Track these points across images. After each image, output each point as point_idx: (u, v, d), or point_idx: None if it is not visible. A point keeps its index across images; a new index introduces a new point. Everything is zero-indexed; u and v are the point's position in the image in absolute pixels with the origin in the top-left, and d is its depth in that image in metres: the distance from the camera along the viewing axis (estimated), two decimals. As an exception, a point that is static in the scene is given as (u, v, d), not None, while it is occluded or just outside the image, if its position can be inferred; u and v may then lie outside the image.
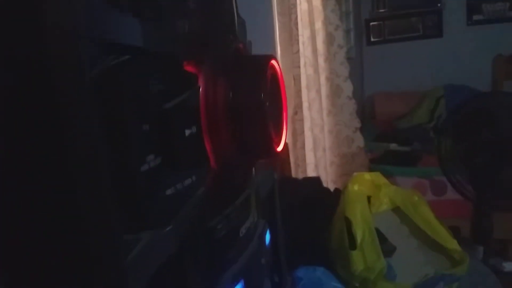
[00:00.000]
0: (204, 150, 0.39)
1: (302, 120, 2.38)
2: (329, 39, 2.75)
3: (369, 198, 1.43)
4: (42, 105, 0.30)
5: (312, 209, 1.58)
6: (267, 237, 0.56)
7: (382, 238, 1.34)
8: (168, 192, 0.36)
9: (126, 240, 0.34)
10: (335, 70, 2.81)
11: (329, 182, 2.71)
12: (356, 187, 1.43)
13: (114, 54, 0.33)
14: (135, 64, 0.34)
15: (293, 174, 2.32)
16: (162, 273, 0.36)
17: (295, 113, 2.29)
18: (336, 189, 1.73)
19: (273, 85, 0.46)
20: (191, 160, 0.38)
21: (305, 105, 2.40)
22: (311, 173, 2.44)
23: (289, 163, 1.97)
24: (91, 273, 0.32)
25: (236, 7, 0.55)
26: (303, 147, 2.39)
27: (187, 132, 0.37)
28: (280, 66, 0.48)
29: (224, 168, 0.43)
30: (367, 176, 1.45)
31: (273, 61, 0.45)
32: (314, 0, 2.57)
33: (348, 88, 2.86)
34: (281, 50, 2.26)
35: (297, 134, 2.33)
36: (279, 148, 0.46)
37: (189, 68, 0.39)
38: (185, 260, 0.39)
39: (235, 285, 0.44)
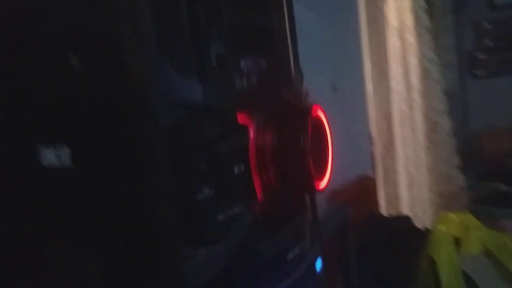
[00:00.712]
0: (251, 184, 0.48)
1: (394, 157, 2.37)
2: (425, 74, 2.72)
3: (457, 239, 1.40)
4: (131, 146, 0.42)
5: (399, 247, 1.57)
6: (318, 264, 0.62)
7: (470, 282, 1.30)
8: (220, 217, 0.46)
9: (186, 251, 0.44)
10: (432, 105, 2.75)
11: (427, 222, 2.61)
12: (443, 228, 1.41)
13: (181, 109, 0.44)
14: (196, 118, 0.44)
15: (385, 212, 2.30)
16: (213, 283, 0.45)
17: (385, 150, 2.29)
18: (427, 229, 1.70)
19: (316, 130, 0.54)
20: (239, 192, 0.47)
21: (397, 141, 2.39)
22: (405, 211, 2.39)
23: (376, 200, 1.97)
24: (159, 273, 0.42)
25: (295, 60, 0.64)
26: (395, 184, 2.36)
27: (236, 170, 0.47)
28: (326, 115, 0.56)
29: (272, 200, 0.51)
30: (455, 216, 1.42)
31: (316, 110, 0.53)
32: (408, 36, 2.58)
33: (446, 124, 2.77)
34: (372, 87, 2.30)
35: (389, 171, 2.31)
36: (322, 185, 0.54)
37: (241, 118, 0.49)
38: (234, 275, 0.48)
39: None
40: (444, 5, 3.47)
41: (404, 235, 1.65)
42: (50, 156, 0.45)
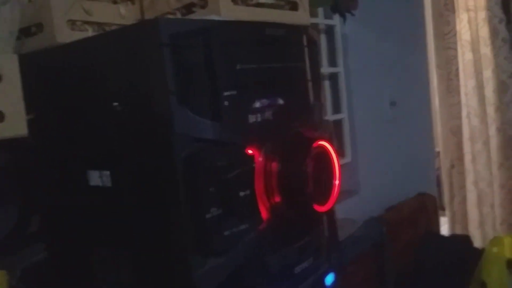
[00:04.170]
0: (256, 206, 0.57)
1: (462, 173, 2.30)
2: (502, 88, 2.61)
3: (510, 262, 1.37)
4: (156, 172, 0.53)
5: (454, 267, 1.55)
6: (329, 278, 0.69)
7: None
8: (226, 233, 0.55)
9: (197, 259, 0.53)
10: (509, 120, 2.63)
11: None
12: (494, 250, 1.38)
13: (196, 143, 0.54)
14: (208, 150, 0.54)
15: (450, 230, 2.24)
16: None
17: (452, 166, 2.23)
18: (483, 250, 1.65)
19: (321, 159, 0.61)
20: (244, 213, 0.56)
21: (467, 157, 2.32)
22: (473, 230, 2.31)
23: (436, 218, 1.93)
24: (174, 278, 0.52)
25: (315, 95, 0.71)
26: (463, 202, 2.29)
27: (242, 193, 0.56)
28: (333, 147, 0.63)
29: (276, 219, 0.59)
30: (509, 239, 1.38)
31: (321, 142, 0.61)
32: (482, 48, 2.49)
33: (525, 140, 2.63)
34: (439, 101, 2.26)
35: (455, 188, 2.26)
36: (324, 209, 0.61)
37: (250, 149, 0.58)
38: (241, 284, 0.57)
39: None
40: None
41: (460, 255, 1.63)
42: (96, 179, 0.57)
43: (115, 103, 0.56)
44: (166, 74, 0.51)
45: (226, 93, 0.55)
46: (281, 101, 0.63)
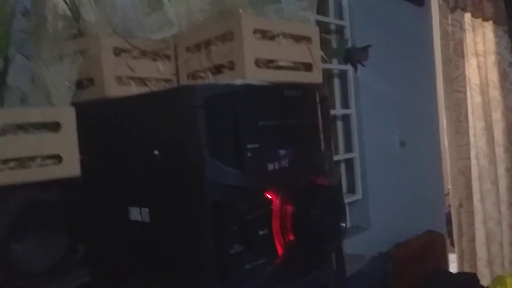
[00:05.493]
0: (272, 243, 0.66)
1: (471, 212, 2.36)
2: (511, 129, 2.68)
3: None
4: (187, 212, 0.62)
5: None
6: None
7: None
8: (247, 266, 0.64)
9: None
10: (518, 160, 2.69)
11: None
12: (498, 288, 1.43)
13: (223, 188, 0.64)
14: (233, 195, 0.64)
15: (459, 268, 2.28)
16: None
17: (461, 205, 2.29)
18: (489, 288, 1.70)
19: (331, 203, 0.70)
20: (262, 249, 0.65)
21: (476, 197, 2.38)
22: (482, 268, 2.35)
23: (445, 256, 1.98)
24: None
25: (326, 145, 0.81)
26: (472, 240, 2.34)
27: (261, 232, 0.65)
28: (341, 193, 0.72)
29: (291, 255, 0.68)
30: (511, 278, 1.44)
31: (330, 188, 0.70)
32: (492, 91, 2.58)
33: (534, 180, 2.68)
34: (448, 142, 2.34)
35: (464, 227, 2.31)
36: (332, 247, 0.70)
37: (269, 194, 0.67)
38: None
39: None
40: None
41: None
42: (136, 214, 0.67)
43: (156, 152, 0.66)
44: (200, 130, 0.62)
45: (249, 146, 0.65)
46: (296, 152, 0.73)
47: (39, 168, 0.66)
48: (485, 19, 2.50)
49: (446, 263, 2.01)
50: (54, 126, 0.69)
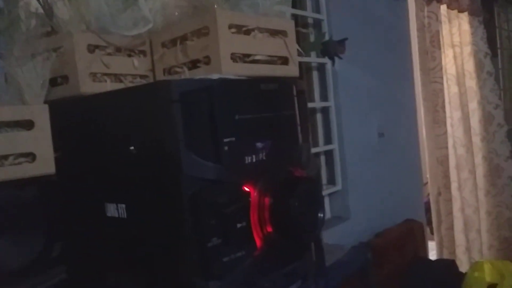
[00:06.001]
0: (251, 236, 0.67)
1: (450, 200, 2.40)
2: (487, 119, 2.73)
3: (493, 286, 1.45)
4: (165, 206, 0.63)
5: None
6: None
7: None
8: (225, 259, 0.65)
9: (200, 282, 0.63)
10: (495, 149, 2.75)
11: (485, 266, 2.58)
12: (475, 274, 1.47)
13: (200, 182, 0.64)
14: (210, 188, 0.64)
15: (438, 255, 2.32)
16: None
17: (439, 193, 2.33)
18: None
19: (308, 194, 0.71)
20: (240, 242, 0.66)
21: (453, 185, 2.42)
22: (461, 255, 2.40)
23: (424, 244, 2.03)
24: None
25: (303, 137, 0.82)
26: (450, 228, 2.38)
27: (239, 225, 0.65)
28: (319, 184, 0.73)
29: (271, 247, 0.69)
30: (490, 264, 1.48)
31: (308, 179, 0.71)
32: (468, 81, 2.62)
33: (510, 168, 2.74)
34: (425, 132, 2.37)
35: (442, 215, 2.35)
36: (310, 237, 0.71)
37: (246, 186, 0.68)
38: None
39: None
40: (509, 48, 3.43)
41: (445, 279, 1.71)
42: (113, 210, 0.67)
43: (132, 147, 0.66)
44: (176, 125, 0.62)
45: (226, 140, 0.66)
46: (273, 144, 0.73)
47: (13, 166, 0.65)
48: (461, 11, 2.54)
49: (425, 250, 2.05)
50: (28, 124, 0.68)
